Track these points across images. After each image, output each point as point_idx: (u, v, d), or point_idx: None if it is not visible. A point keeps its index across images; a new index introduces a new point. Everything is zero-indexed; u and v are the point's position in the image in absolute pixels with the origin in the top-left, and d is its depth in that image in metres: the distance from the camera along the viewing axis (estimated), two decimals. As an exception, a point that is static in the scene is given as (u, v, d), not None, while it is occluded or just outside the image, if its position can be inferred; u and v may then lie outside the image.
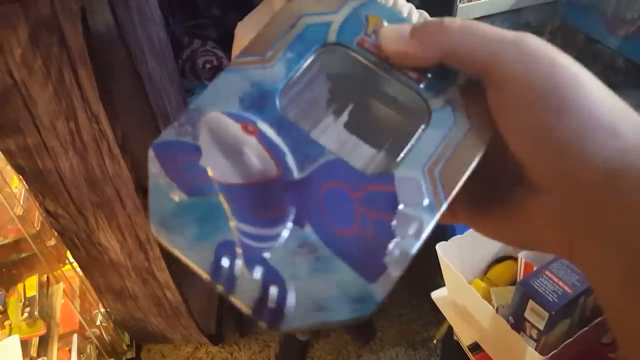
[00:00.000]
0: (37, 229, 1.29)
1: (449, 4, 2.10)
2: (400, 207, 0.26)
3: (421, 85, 0.29)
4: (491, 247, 1.23)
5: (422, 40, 0.28)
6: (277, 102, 0.29)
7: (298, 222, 0.27)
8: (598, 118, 0.24)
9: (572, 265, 0.99)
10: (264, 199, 0.27)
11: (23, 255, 1.41)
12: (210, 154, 0.28)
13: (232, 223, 0.27)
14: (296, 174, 0.28)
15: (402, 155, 0.28)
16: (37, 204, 1.15)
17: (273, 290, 0.25)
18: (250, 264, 0.26)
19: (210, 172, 0.28)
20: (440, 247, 1.11)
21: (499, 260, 1.27)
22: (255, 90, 0.30)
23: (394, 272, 0.25)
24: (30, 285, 1.44)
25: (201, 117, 0.29)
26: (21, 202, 1.29)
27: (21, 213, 1.26)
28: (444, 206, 0.26)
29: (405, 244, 0.26)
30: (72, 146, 1.04)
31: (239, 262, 0.26)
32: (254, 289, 0.25)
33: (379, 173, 0.28)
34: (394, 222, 0.26)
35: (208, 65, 2.86)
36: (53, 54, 0.90)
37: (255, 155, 0.28)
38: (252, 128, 0.29)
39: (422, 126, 0.29)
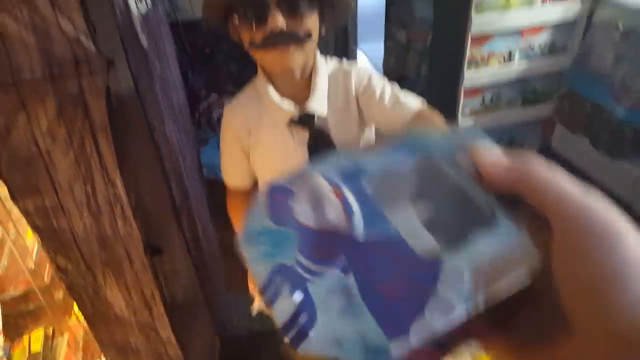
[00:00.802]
0: (47, 282, 1.33)
1: (456, 73, 2.17)
2: (439, 289, 0.29)
3: (495, 201, 0.33)
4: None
5: (512, 169, 0.32)
6: (367, 182, 0.36)
7: (344, 270, 0.32)
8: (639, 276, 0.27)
9: None
10: (325, 243, 0.33)
11: (31, 307, 1.44)
12: (301, 200, 0.36)
13: (295, 253, 0.33)
14: (358, 236, 0.33)
15: (457, 250, 0.31)
16: (49, 260, 1.19)
17: (304, 315, 0.30)
18: (294, 288, 0.32)
19: (295, 212, 0.35)
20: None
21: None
22: (355, 169, 0.37)
23: (414, 339, 0.28)
24: (36, 338, 1.46)
25: (306, 174, 0.37)
26: (34, 255, 1.33)
27: (33, 266, 1.31)
28: (480, 306, 0.29)
29: (432, 321, 0.28)
30: (87, 208, 1.08)
31: (286, 285, 0.32)
32: (289, 309, 0.31)
33: (430, 258, 0.31)
34: (429, 299, 0.29)
35: (223, 118, 2.94)
36: (77, 125, 0.96)
37: (333, 211, 0.34)
38: (338, 192, 0.36)
39: (485, 234, 0.32)
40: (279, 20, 1.01)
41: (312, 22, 1.06)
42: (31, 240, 1.37)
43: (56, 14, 0.84)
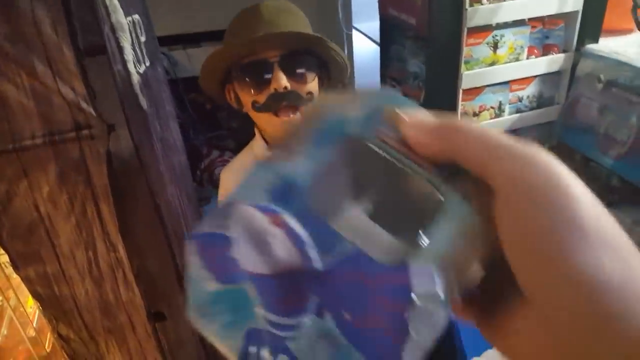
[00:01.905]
0: (48, 351, 1.30)
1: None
2: (415, 299, 0.27)
3: (436, 176, 0.30)
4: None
5: (439, 134, 0.29)
6: (303, 195, 0.31)
7: (318, 312, 0.28)
8: (589, 229, 0.24)
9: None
10: (287, 288, 0.29)
11: (31, 378, 1.41)
12: (241, 245, 0.30)
13: (259, 312, 0.28)
14: (318, 265, 0.29)
15: (418, 245, 0.29)
16: (50, 328, 1.17)
17: None
18: (275, 352, 0.28)
19: (240, 263, 0.29)
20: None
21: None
22: (282, 184, 0.31)
23: None
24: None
25: (234, 210, 0.31)
26: (34, 323, 1.30)
27: (33, 334, 1.28)
28: (457, 296, 0.27)
29: (419, 338, 0.26)
30: (89, 274, 1.07)
31: (265, 351, 0.28)
32: None
33: (396, 264, 0.28)
34: (408, 315, 0.27)
35: (225, 174, 2.96)
36: (78, 191, 0.96)
37: (281, 246, 0.29)
38: (278, 220, 0.30)
39: (438, 216, 0.29)
40: (283, 80, 1.03)
41: (312, 84, 1.09)
42: (31, 308, 1.35)
43: (56, 79, 0.85)
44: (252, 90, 1.06)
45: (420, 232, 0.29)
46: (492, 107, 2.26)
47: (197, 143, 3.06)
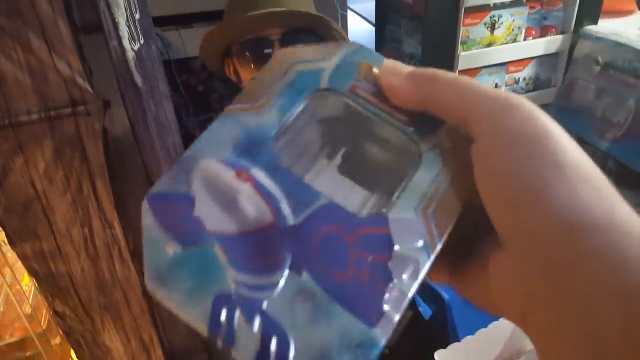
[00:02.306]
0: (44, 328, 1.31)
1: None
2: (396, 248, 0.26)
3: (411, 129, 0.30)
4: (493, 354, 1.23)
5: (414, 81, 0.29)
6: (271, 148, 0.29)
7: (295, 269, 0.26)
8: (567, 166, 0.24)
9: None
10: (260, 247, 0.27)
11: (27, 354, 1.41)
12: (205, 204, 0.28)
13: (229, 274, 0.26)
14: (291, 220, 0.27)
15: (395, 196, 0.28)
16: (47, 305, 1.17)
17: (274, 342, 0.25)
18: (249, 316, 0.25)
19: (204, 223, 0.27)
20: (439, 356, 1.12)
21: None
22: (248, 137, 0.29)
23: (393, 315, 0.25)
24: (33, 389, 1.43)
25: (195, 166, 0.29)
26: (30, 300, 1.31)
27: (30, 312, 1.29)
28: (439, 246, 0.27)
29: (402, 286, 0.25)
30: (85, 251, 1.08)
31: (238, 315, 0.25)
32: (254, 342, 0.25)
33: (373, 215, 0.28)
34: (390, 264, 0.26)
35: (216, 157, 2.96)
36: (74, 168, 0.96)
37: (249, 202, 0.27)
38: (246, 175, 0.28)
39: (414, 168, 0.29)
40: None
41: None
42: (27, 286, 1.36)
43: (52, 55, 0.84)
44: (253, 67, 1.06)
45: (397, 184, 0.29)
46: (488, 89, 2.25)
47: (190, 125, 3.05)
